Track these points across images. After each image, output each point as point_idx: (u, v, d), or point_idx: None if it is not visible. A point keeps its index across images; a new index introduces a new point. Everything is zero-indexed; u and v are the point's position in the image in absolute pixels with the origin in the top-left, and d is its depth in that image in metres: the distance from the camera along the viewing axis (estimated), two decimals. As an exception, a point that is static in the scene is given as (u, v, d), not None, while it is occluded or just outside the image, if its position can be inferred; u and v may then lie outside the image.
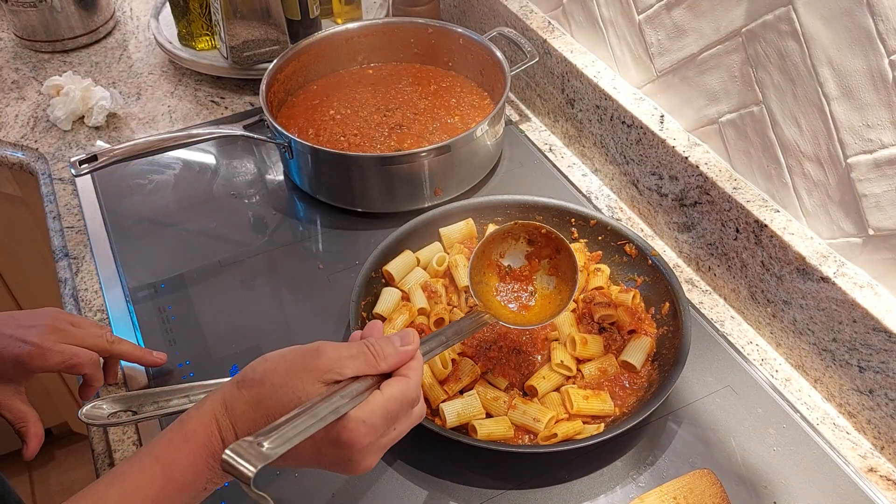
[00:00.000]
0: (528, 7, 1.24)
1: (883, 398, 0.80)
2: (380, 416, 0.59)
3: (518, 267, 0.87)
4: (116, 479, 0.56)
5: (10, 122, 1.30)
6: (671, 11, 0.94)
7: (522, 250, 0.87)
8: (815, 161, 0.83)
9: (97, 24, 1.49)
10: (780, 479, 0.79)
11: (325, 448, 0.58)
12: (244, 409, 0.58)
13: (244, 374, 0.60)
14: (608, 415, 0.82)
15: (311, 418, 0.54)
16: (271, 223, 1.11)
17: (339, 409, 0.56)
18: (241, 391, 0.58)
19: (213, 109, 1.32)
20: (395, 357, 0.62)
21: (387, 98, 1.22)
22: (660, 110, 1.02)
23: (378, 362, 0.61)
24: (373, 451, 0.60)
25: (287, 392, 0.57)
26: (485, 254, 0.86)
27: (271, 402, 0.57)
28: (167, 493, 0.56)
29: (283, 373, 0.58)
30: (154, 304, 0.98)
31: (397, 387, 0.60)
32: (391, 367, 0.62)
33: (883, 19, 0.70)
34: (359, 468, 0.60)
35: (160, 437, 0.58)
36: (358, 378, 0.60)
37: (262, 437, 0.52)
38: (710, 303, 0.99)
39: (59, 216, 1.12)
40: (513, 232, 0.86)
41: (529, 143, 1.23)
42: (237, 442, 0.51)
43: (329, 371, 0.58)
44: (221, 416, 0.58)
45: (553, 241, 0.85)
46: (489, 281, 0.86)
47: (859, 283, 0.80)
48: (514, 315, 0.85)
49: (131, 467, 0.57)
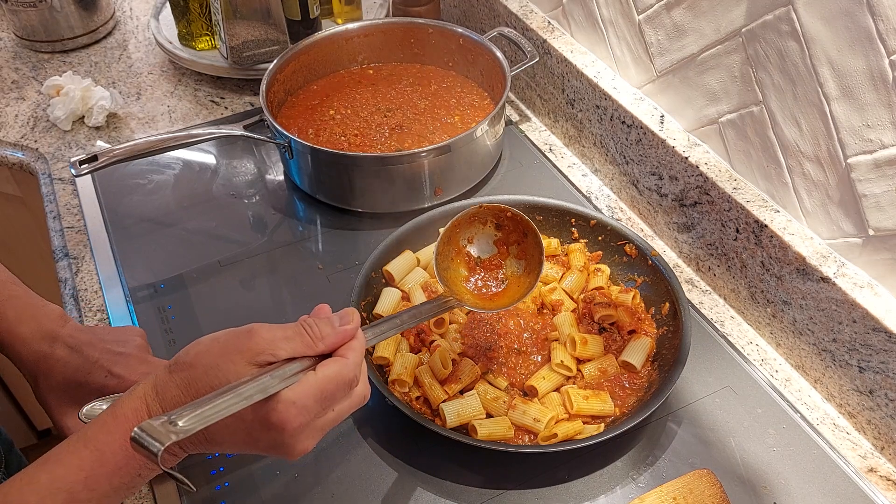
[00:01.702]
0: (528, 7, 1.24)
1: (883, 398, 0.80)
2: (312, 397, 0.57)
3: (487, 257, 0.87)
4: (48, 462, 0.56)
5: (10, 122, 1.30)
6: (671, 11, 0.94)
7: (490, 235, 0.86)
8: (815, 161, 0.83)
9: (97, 24, 1.49)
10: (779, 479, 0.79)
11: (256, 431, 0.57)
12: (175, 392, 0.57)
13: (176, 358, 0.59)
14: (608, 415, 0.82)
15: (235, 398, 0.53)
16: (271, 223, 1.11)
17: (266, 389, 0.55)
18: (173, 375, 0.57)
19: (213, 109, 1.32)
20: (332, 337, 0.60)
21: (387, 98, 1.22)
22: (660, 110, 1.02)
23: (315, 343, 0.59)
24: (308, 434, 0.58)
25: (217, 374, 0.56)
26: (451, 239, 0.85)
27: (201, 385, 0.56)
28: (98, 475, 0.55)
29: (215, 354, 0.57)
30: (154, 304, 0.98)
31: (333, 367, 0.59)
32: (329, 347, 0.60)
33: (883, 19, 0.70)
34: (294, 451, 0.58)
35: (92, 422, 0.57)
36: (294, 359, 0.58)
37: (176, 415, 0.51)
38: (710, 303, 0.99)
39: (59, 216, 1.12)
40: (479, 215, 0.85)
41: (529, 143, 1.23)
42: (147, 420, 0.50)
43: (262, 353, 0.57)
44: (152, 400, 0.57)
45: (520, 225, 0.85)
46: (457, 268, 0.85)
47: (859, 283, 0.80)
48: (480, 299, 0.84)
49: (62, 450, 0.56)
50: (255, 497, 0.78)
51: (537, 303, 0.93)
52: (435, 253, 0.83)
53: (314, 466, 0.81)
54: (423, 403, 0.84)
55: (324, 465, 0.81)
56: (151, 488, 0.80)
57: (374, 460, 0.81)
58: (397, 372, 0.83)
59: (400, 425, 0.83)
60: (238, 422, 0.55)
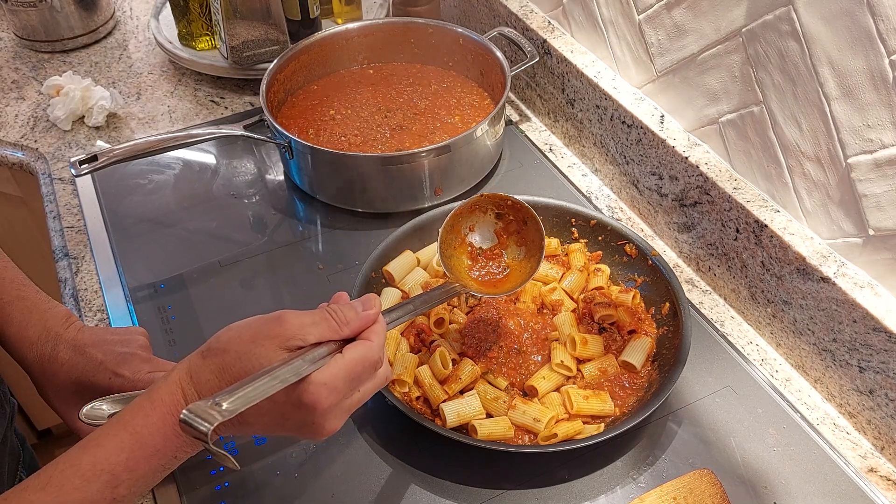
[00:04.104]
0: (528, 7, 1.24)
1: (883, 398, 0.80)
2: (342, 379, 0.60)
3: (489, 247, 0.88)
4: (88, 445, 0.58)
5: (10, 122, 1.30)
6: (671, 11, 0.94)
7: (491, 224, 0.88)
8: (815, 161, 0.82)
9: (97, 24, 1.49)
10: (780, 479, 0.79)
11: (287, 411, 0.60)
12: (209, 377, 0.59)
13: (209, 344, 0.61)
14: (608, 415, 0.82)
15: (272, 380, 0.56)
16: (271, 223, 1.11)
17: (300, 372, 0.58)
18: (206, 360, 0.60)
19: (213, 109, 1.32)
20: (357, 322, 0.63)
21: (387, 98, 1.22)
22: (660, 110, 1.02)
23: (340, 328, 0.62)
24: (336, 414, 0.61)
25: (250, 359, 0.58)
26: (454, 228, 0.87)
27: (235, 370, 0.58)
28: (137, 457, 0.57)
29: (247, 341, 0.59)
30: (154, 304, 0.98)
31: (360, 350, 0.62)
32: (354, 331, 0.63)
33: (883, 19, 0.70)
34: (322, 431, 0.61)
35: (129, 407, 0.59)
36: (321, 344, 0.61)
37: (220, 397, 0.54)
38: (710, 303, 0.99)
39: (59, 216, 1.12)
40: (480, 204, 0.87)
41: (529, 143, 1.23)
42: (195, 402, 0.53)
43: (292, 338, 0.59)
44: (187, 384, 0.59)
45: (520, 212, 0.86)
46: (461, 256, 0.87)
47: (859, 283, 0.80)
48: (484, 286, 0.86)
49: (101, 434, 0.58)
50: (255, 497, 0.78)
51: (537, 303, 0.93)
52: (439, 241, 0.85)
53: (314, 466, 0.81)
54: (423, 403, 0.84)
55: (324, 465, 0.81)
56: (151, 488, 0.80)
57: (375, 460, 0.81)
58: (397, 372, 0.83)
59: (400, 425, 0.83)
60: (271, 403, 0.57)
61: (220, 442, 0.61)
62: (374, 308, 0.65)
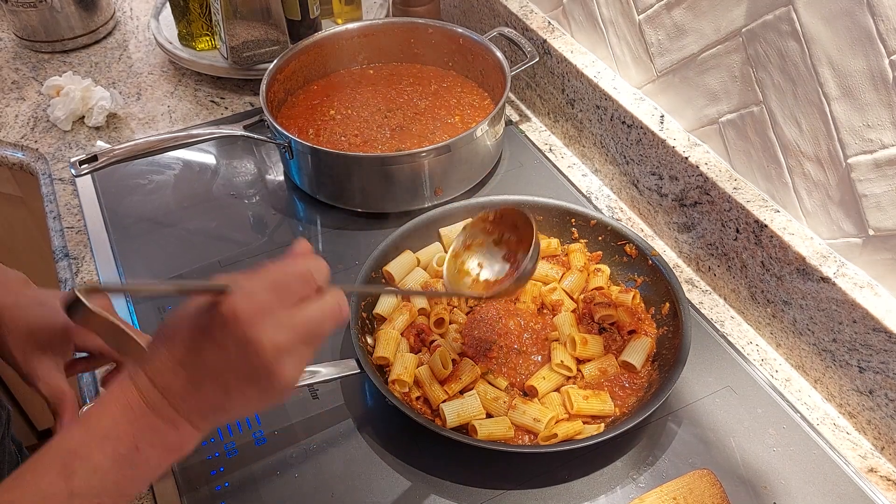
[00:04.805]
0: (528, 7, 1.24)
1: (883, 398, 0.80)
2: (261, 286, 0.53)
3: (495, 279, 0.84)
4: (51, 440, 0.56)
5: (10, 122, 1.30)
6: (671, 11, 0.94)
7: (493, 251, 0.85)
8: (815, 161, 0.83)
9: (97, 25, 1.49)
10: (779, 479, 0.79)
11: (214, 332, 0.53)
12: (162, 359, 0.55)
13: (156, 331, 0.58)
14: (608, 415, 0.82)
15: (175, 283, 0.52)
16: (271, 223, 1.11)
17: (212, 282, 0.53)
18: (154, 344, 0.56)
19: (213, 109, 1.32)
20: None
21: (387, 98, 1.22)
22: (660, 110, 1.02)
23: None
24: (273, 326, 0.53)
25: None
26: (457, 255, 0.86)
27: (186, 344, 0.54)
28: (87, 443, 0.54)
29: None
30: (154, 304, 0.98)
31: (281, 261, 0.57)
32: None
33: (883, 19, 0.70)
34: (264, 351, 0.52)
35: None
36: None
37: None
38: (710, 303, 0.99)
39: (60, 216, 1.12)
40: (472, 236, 0.86)
41: (529, 143, 1.23)
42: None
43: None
44: (135, 372, 0.55)
45: (505, 217, 0.84)
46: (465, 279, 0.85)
47: (859, 283, 0.80)
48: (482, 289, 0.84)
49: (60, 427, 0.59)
50: (255, 497, 0.78)
51: (537, 303, 0.93)
52: (444, 270, 0.84)
53: (314, 466, 0.81)
54: (423, 403, 0.84)
55: (324, 465, 0.81)
56: (151, 488, 0.80)
57: (374, 460, 0.81)
58: (397, 372, 0.83)
59: (400, 425, 0.83)
60: (187, 322, 0.54)
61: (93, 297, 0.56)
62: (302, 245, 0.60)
